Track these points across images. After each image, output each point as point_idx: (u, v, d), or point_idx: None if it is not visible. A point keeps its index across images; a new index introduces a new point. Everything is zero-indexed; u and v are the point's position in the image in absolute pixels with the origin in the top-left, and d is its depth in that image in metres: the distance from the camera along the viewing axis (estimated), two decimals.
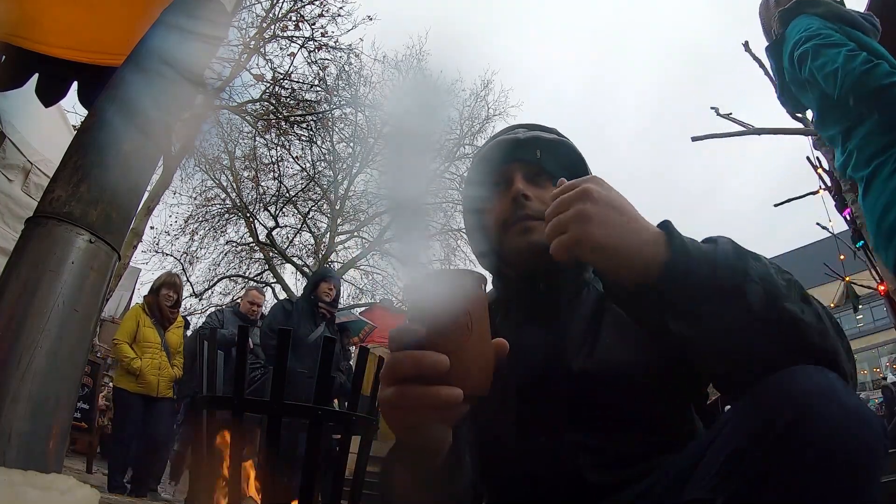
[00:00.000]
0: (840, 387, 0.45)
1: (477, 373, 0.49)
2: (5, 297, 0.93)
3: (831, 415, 0.42)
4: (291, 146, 10.47)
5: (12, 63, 2.06)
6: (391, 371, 0.47)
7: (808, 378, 0.45)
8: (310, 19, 8.59)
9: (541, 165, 0.82)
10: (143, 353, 3.60)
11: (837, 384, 0.45)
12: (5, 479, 0.61)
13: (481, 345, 0.49)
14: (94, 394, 5.05)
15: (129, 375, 3.55)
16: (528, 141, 0.82)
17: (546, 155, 0.82)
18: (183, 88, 1.21)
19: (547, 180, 0.81)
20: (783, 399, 0.45)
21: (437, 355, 0.45)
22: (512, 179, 0.81)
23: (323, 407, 1.51)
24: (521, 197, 0.78)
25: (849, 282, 4.53)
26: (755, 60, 3.49)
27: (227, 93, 8.43)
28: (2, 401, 0.85)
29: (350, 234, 12.28)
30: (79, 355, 1.00)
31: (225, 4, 1.33)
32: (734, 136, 3.29)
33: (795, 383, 0.45)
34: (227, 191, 11.26)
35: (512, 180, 0.81)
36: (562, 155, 0.83)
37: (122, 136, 1.09)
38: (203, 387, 1.59)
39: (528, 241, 0.77)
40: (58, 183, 1.04)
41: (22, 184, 2.69)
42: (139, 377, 3.54)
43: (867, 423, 0.43)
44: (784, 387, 0.46)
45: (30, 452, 0.87)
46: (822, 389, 0.44)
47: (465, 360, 0.47)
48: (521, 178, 0.80)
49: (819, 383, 0.45)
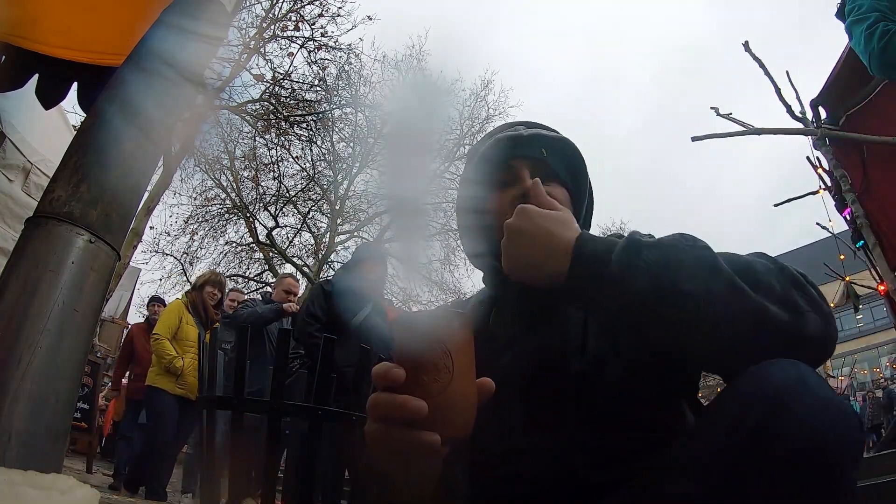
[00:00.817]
0: (812, 380, 0.45)
1: (458, 416, 0.49)
2: (5, 297, 0.93)
3: (801, 409, 0.43)
4: (291, 146, 10.48)
5: (12, 63, 2.06)
6: (373, 410, 0.48)
7: (779, 372, 0.46)
8: (310, 19, 8.59)
9: (547, 163, 0.80)
10: (185, 352, 3.30)
11: (810, 377, 0.45)
12: (5, 479, 0.61)
13: (464, 387, 0.49)
14: (94, 394, 5.05)
15: (169, 375, 3.24)
16: (532, 138, 0.80)
17: (551, 153, 0.80)
18: (183, 88, 1.21)
19: (552, 179, 0.79)
20: (753, 395, 0.45)
21: (417, 402, 0.46)
22: (518, 176, 0.78)
23: (323, 407, 1.51)
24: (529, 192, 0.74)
25: (849, 282, 4.52)
26: (755, 60, 3.49)
27: (227, 93, 8.44)
28: (2, 401, 0.85)
29: (350, 234, 12.28)
30: (79, 355, 1.00)
31: (225, 4, 1.33)
32: (734, 136, 3.28)
33: (766, 379, 0.46)
34: (227, 191, 11.26)
35: (517, 177, 0.78)
36: (566, 154, 0.82)
37: (122, 136, 1.09)
38: (203, 387, 1.59)
39: None
40: (58, 183, 1.04)
41: (22, 184, 2.69)
42: (179, 378, 3.22)
43: (840, 415, 0.43)
44: (754, 382, 0.46)
45: (30, 452, 0.87)
46: (792, 384, 0.45)
47: (446, 403, 0.47)
48: (529, 176, 0.78)
49: (790, 377, 0.45)
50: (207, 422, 1.55)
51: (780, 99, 3.51)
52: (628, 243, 0.59)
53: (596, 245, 0.60)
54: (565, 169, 0.82)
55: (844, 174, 3.16)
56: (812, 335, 0.53)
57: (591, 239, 0.62)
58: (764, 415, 0.43)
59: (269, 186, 11.32)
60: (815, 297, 0.55)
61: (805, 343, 0.52)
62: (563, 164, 0.82)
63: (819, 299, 0.55)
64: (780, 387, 0.44)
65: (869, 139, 2.88)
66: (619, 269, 0.57)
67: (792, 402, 0.43)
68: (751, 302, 0.52)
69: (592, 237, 0.62)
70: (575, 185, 0.83)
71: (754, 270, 0.55)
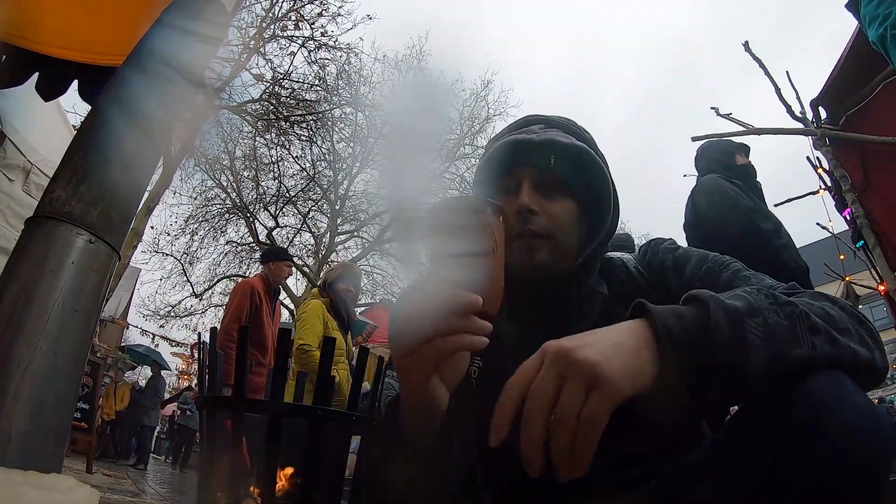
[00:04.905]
0: (851, 387, 0.46)
1: (495, 287, 0.55)
2: (5, 297, 0.93)
3: (845, 411, 0.44)
4: (291, 146, 10.48)
5: (12, 62, 2.06)
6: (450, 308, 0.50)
7: (821, 379, 0.47)
8: (310, 19, 8.59)
9: (554, 173, 0.75)
10: (336, 362, 2.67)
11: (848, 385, 0.47)
12: (5, 479, 0.61)
13: (500, 264, 0.56)
14: (94, 394, 5.04)
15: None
16: (543, 144, 0.75)
17: (561, 162, 0.75)
18: (183, 88, 1.21)
19: (556, 191, 0.75)
20: (798, 397, 0.46)
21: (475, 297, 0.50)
22: (520, 187, 0.74)
23: (323, 407, 1.51)
24: (526, 212, 0.72)
25: (849, 282, 4.52)
26: (755, 60, 3.49)
27: (227, 93, 8.44)
28: (2, 401, 0.85)
29: (350, 234, 12.28)
30: (79, 355, 1.00)
31: (225, 4, 1.33)
32: (734, 136, 3.28)
33: (809, 384, 0.46)
34: (227, 191, 11.26)
35: (520, 188, 0.74)
36: (580, 164, 0.76)
37: (122, 135, 1.09)
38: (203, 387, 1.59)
39: (532, 260, 0.73)
40: (58, 183, 1.04)
41: (22, 184, 2.69)
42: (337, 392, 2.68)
43: (879, 421, 0.44)
44: (798, 388, 0.47)
45: (30, 452, 0.87)
46: (834, 389, 0.46)
47: (488, 280, 0.53)
48: (529, 189, 0.74)
49: (831, 383, 0.46)
50: (207, 422, 1.55)
51: (780, 99, 3.51)
52: (727, 314, 0.49)
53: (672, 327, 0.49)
54: (577, 179, 0.77)
55: (844, 174, 3.16)
56: (880, 369, 0.54)
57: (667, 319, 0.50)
58: (810, 415, 0.44)
59: (269, 186, 11.32)
60: (874, 332, 0.56)
61: (875, 376, 0.54)
62: (575, 173, 0.76)
63: (877, 335, 0.56)
64: (824, 391, 0.45)
65: (869, 139, 2.88)
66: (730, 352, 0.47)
67: (837, 405, 0.44)
68: (845, 351, 0.51)
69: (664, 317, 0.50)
70: (589, 196, 0.78)
71: (828, 313, 0.54)
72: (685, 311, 0.51)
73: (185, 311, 11.96)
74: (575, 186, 0.77)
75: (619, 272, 0.81)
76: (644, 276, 0.79)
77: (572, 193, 0.77)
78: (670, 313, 0.50)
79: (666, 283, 0.76)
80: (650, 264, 0.80)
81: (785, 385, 0.47)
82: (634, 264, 0.82)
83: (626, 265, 0.81)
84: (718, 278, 0.71)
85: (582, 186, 0.77)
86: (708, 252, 0.77)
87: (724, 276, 0.71)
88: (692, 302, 0.52)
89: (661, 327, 0.49)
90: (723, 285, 0.69)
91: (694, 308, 0.51)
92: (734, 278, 0.70)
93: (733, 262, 0.74)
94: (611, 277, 0.80)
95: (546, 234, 0.73)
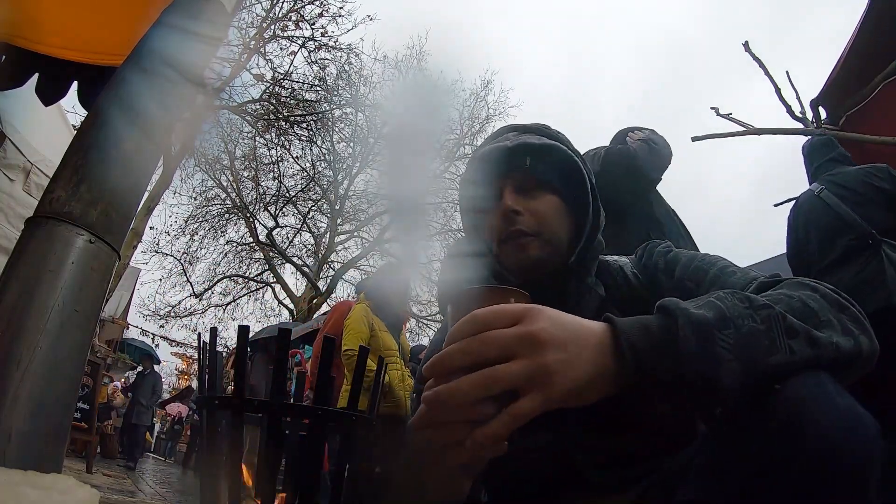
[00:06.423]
0: (831, 389, 0.46)
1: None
2: (5, 297, 0.93)
3: (824, 414, 0.43)
4: (291, 146, 10.49)
5: (12, 63, 2.06)
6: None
7: (799, 382, 0.46)
8: (310, 19, 8.60)
9: (531, 173, 0.79)
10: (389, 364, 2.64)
11: (828, 387, 0.46)
12: (5, 479, 0.61)
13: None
14: (94, 394, 5.04)
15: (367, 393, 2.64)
16: (517, 149, 0.79)
17: (536, 162, 0.78)
18: (183, 88, 1.21)
19: (538, 189, 0.79)
20: (776, 402, 0.45)
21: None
22: (502, 193, 0.78)
23: (323, 407, 1.51)
24: (510, 214, 0.76)
25: None
26: (755, 60, 3.49)
27: (227, 93, 8.45)
28: (2, 401, 0.85)
29: (350, 234, 12.29)
30: (79, 355, 1.00)
31: (225, 4, 1.33)
32: (734, 136, 3.28)
33: (786, 389, 0.46)
34: (227, 191, 11.26)
35: (502, 194, 0.78)
36: (553, 160, 0.80)
37: (122, 136, 1.09)
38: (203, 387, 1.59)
39: (524, 257, 0.76)
40: (58, 183, 1.04)
41: (22, 183, 2.69)
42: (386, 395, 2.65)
43: (860, 421, 0.44)
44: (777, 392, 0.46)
45: (30, 452, 0.87)
46: (813, 392, 0.45)
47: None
48: (511, 192, 0.77)
49: (809, 386, 0.45)
50: (207, 422, 1.55)
51: (780, 99, 3.51)
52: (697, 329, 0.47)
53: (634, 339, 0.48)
54: (557, 175, 0.80)
55: None
56: (866, 355, 0.53)
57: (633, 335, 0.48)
58: (789, 418, 0.43)
59: (269, 186, 11.33)
60: (859, 317, 0.54)
61: (861, 363, 0.53)
62: (553, 170, 0.80)
63: (863, 318, 0.54)
64: (803, 394, 0.45)
65: (869, 139, 2.88)
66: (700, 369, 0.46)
67: (816, 407, 0.44)
68: (825, 349, 0.50)
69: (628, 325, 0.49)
70: (570, 191, 0.81)
71: (808, 306, 0.52)
72: (652, 324, 0.49)
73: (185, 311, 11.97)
74: (554, 182, 0.80)
75: (615, 275, 0.82)
76: (639, 280, 0.80)
77: (553, 189, 0.80)
78: (637, 328, 0.49)
79: (659, 286, 0.77)
80: (645, 267, 0.81)
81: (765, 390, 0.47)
82: (631, 268, 0.83)
83: (622, 268, 0.83)
84: (705, 276, 0.72)
85: (561, 182, 0.81)
86: (697, 252, 0.79)
87: (710, 274, 0.72)
88: (661, 312, 0.50)
89: (624, 342, 0.48)
90: (709, 282, 0.70)
91: (662, 319, 0.49)
92: (720, 275, 0.70)
93: (720, 259, 0.74)
94: (608, 280, 0.82)
95: (534, 232, 0.76)
